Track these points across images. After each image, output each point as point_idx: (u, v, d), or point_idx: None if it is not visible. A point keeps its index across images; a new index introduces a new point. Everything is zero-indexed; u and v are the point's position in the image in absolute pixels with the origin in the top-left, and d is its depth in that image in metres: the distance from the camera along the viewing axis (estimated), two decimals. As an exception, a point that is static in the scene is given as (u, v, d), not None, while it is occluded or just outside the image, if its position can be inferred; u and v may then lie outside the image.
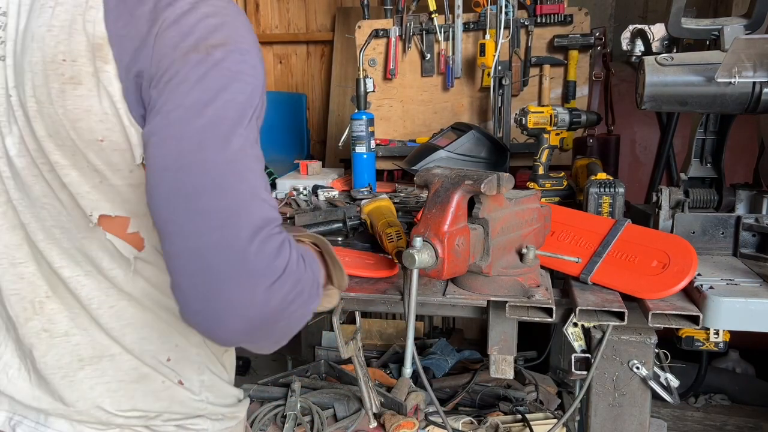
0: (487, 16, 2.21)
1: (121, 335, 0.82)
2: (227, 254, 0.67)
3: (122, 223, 0.78)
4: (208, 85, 0.70)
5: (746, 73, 1.20)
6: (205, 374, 0.90)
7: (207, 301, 0.68)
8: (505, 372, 1.22)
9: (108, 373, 0.83)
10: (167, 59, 0.71)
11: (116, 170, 0.76)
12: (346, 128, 2.19)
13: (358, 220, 1.61)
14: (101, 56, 0.72)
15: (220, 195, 0.69)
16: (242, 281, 0.68)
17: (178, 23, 0.72)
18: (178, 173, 0.69)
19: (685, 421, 2.73)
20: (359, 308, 1.31)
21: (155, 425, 0.86)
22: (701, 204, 1.45)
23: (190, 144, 0.69)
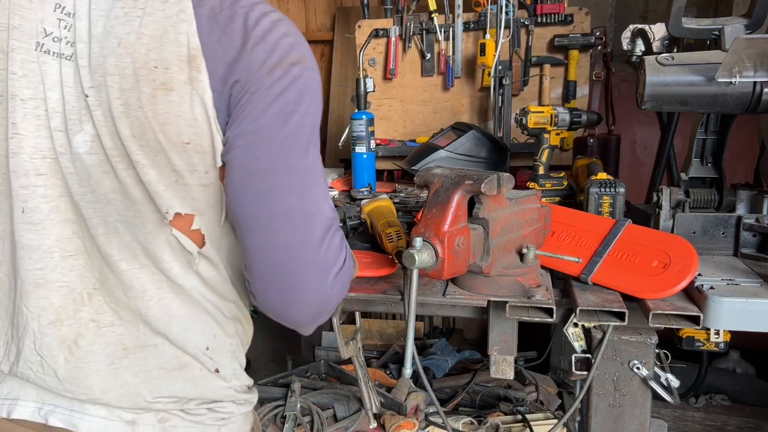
0: (487, 15, 2.21)
1: (168, 326, 0.87)
2: (306, 249, 0.80)
3: (188, 221, 0.84)
4: (289, 97, 0.80)
5: (747, 73, 1.20)
6: (235, 363, 0.97)
7: (285, 290, 0.81)
8: (505, 372, 1.22)
9: (150, 362, 0.88)
10: (255, 73, 0.79)
11: (193, 171, 0.81)
12: (346, 128, 2.19)
13: (358, 220, 1.61)
14: (195, 66, 0.77)
15: (304, 196, 0.81)
16: (317, 273, 0.81)
17: (264, 40, 0.80)
18: (268, 174, 0.79)
19: (686, 421, 2.73)
20: (359, 308, 1.31)
21: (189, 408, 0.92)
22: (702, 204, 1.44)
23: (279, 149, 0.79)
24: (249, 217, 0.80)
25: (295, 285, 0.81)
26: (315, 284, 0.82)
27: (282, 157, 0.80)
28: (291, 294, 0.82)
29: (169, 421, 0.90)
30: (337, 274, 0.84)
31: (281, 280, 0.81)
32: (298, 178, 0.81)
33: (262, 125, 0.79)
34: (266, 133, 0.79)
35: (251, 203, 0.80)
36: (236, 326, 0.96)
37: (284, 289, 0.82)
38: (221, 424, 0.95)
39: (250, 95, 0.78)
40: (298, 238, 0.80)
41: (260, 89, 0.78)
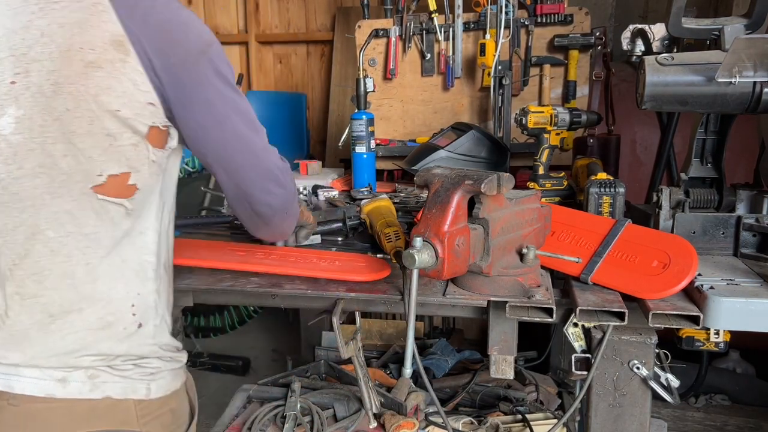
0: (487, 15, 2.21)
1: (92, 289, 0.96)
2: (274, 167, 1.12)
3: (124, 179, 0.95)
4: (221, 72, 0.98)
5: (747, 73, 1.20)
6: (158, 319, 1.04)
7: (263, 190, 1.12)
8: (505, 372, 1.22)
9: (76, 324, 0.96)
10: (185, 58, 0.94)
11: (123, 133, 0.92)
12: (346, 128, 2.19)
13: (357, 220, 1.61)
14: (123, 50, 0.90)
15: (263, 136, 1.10)
16: (278, 181, 1.13)
17: (185, 27, 0.96)
18: (242, 136, 1.04)
19: (686, 421, 2.73)
20: (359, 308, 1.31)
21: (116, 364, 0.99)
22: (702, 204, 1.44)
23: (238, 115, 1.02)
24: (239, 162, 1.06)
25: (273, 197, 1.13)
26: (279, 187, 1.14)
27: (244, 118, 1.03)
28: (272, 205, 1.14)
29: (98, 378, 0.97)
30: (283, 184, 1.14)
31: (264, 200, 1.13)
32: (257, 126, 1.08)
33: (217, 105, 0.99)
34: (224, 109, 1.00)
35: (239, 154, 1.05)
36: (158, 283, 1.04)
37: (262, 190, 1.11)
38: (150, 380, 1.01)
39: (185, 82, 0.94)
40: (270, 162, 1.11)
41: (196, 77, 0.95)
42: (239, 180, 1.08)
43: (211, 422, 1.79)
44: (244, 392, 1.90)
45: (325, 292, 1.25)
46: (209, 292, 1.32)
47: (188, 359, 1.13)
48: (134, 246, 0.99)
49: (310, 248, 1.50)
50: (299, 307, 1.45)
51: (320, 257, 1.38)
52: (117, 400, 0.98)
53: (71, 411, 0.95)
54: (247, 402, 1.89)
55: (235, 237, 1.66)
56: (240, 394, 1.89)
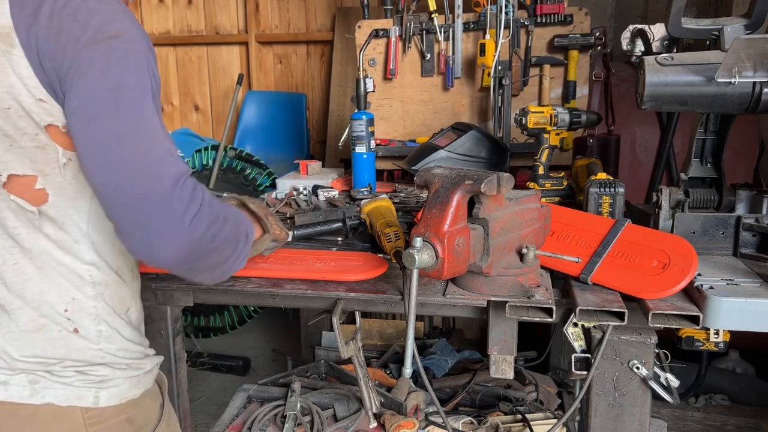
0: (487, 16, 2.21)
1: (22, 290, 0.94)
2: (155, 201, 0.87)
3: (30, 182, 0.91)
4: (113, 70, 0.87)
5: (746, 73, 1.20)
6: (101, 325, 0.99)
7: (145, 238, 0.88)
8: (505, 372, 1.22)
9: (11, 325, 0.95)
10: (70, 50, 0.86)
11: (23, 134, 0.89)
12: (346, 128, 2.19)
13: (357, 220, 1.61)
14: (9, 42, 0.86)
15: (142, 159, 0.87)
16: (169, 220, 0.87)
17: (75, 18, 0.87)
18: (108, 145, 0.86)
19: (686, 421, 2.73)
20: (359, 308, 1.31)
21: (56, 370, 0.97)
22: (701, 204, 1.45)
23: (112, 122, 0.86)
24: (100, 182, 0.88)
25: (152, 233, 0.88)
26: (170, 230, 0.88)
27: (117, 127, 0.86)
28: (151, 240, 0.88)
29: (38, 383, 0.95)
30: (193, 219, 0.89)
31: (141, 231, 0.88)
32: (136, 144, 0.87)
33: (91, 102, 0.86)
34: (97, 108, 0.86)
35: (99, 170, 0.87)
36: (98, 290, 0.98)
37: (144, 237, 0.88)
38: (98, 387, 0.98)
39: (72, 73, 0.86)
40: (146, 193, 0.87)
41: (80, 65, 0.86)
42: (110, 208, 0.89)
43: (211, 422, 1.79)
44: (244, 392, 1.90)
45: (325, 292, 1.25)
46: (209, 292, 1.32)
47: (188, 359, 1.11)
48: (66, 252, 0.95)
49: (308, 249, 1.50)
50: (299, 307, 1.45)
51: (318, 258, 1.38)
52: (60, 407, 0.95)
53: (13, 414, 0.95)
54: (247, 402, 1.89)
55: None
56: (240, 394, 1.89)
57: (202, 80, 4.22)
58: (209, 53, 4.17)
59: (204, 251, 0.93)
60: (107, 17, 0.89)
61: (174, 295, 1.34)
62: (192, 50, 4.18)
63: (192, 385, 3.07)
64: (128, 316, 1.05)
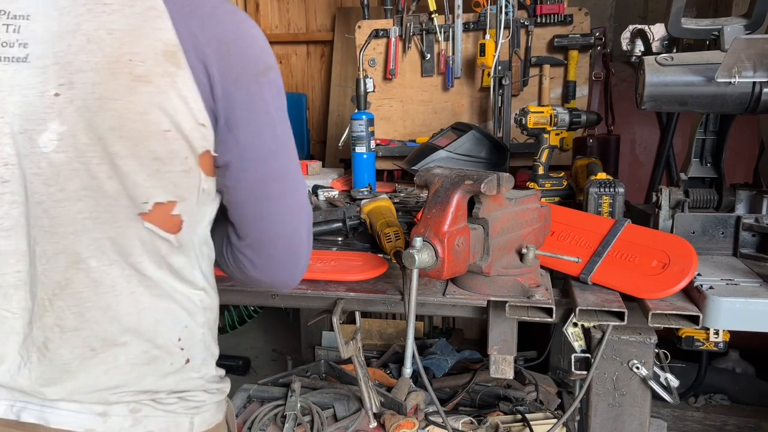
0: (487, 16, 2.21)
1: (137, 320, 0.88)
2: (295, 243, 0.97)
3: (168, 208, 0.87)
4: (276, 103, 0.90)
5: (746, 73, 1.20)
6: (206, 353, 0.98)
7: (288, 267, 1.00)
8: (505, 372, 1.22)
9: (120, 359, 0.89)
10: (242, 79, 0.85)
11: (174, 157, 0.84)
12: (346, 128, 2.19)
13: (357, 220, 1.61)
14: (174, 62, 0.80)
15: (299, 193, 0.96)
16: (299, 260, 1.00)
17: (243, 42, 0.86)
18: (278, 182, 0.93)
19: (685, 421, 2.73)
20: (359, 308, 1.31)
21: (160, 398, 0.93)
22: (701, 204, 1.45)
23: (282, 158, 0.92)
24: (262, 215, 0.93)
25: (296, 263, 1.00)
26: (305, 260, 1.01)
27: (285, 164, 0.92)
28: (295, 267, 1.00)
29: (140, 412, 0.91)
30: (309, 251, 1.02)
31: (288, 260, 0.98)
32: (296, 178, 0.95)
33: (264, 137, 0.88)
34: (270, 145, 0.90)
35: (265, 204, 0.92)
36: (207, 315, 0.97)
37: (287, 266, 0.99)
38: (194, 413, 0.96)
39: (242, 105, 0.86)
40: (300, 224, 0.97)
41: (251, 99, 0.86)
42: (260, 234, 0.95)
43: (211, 422, 1.79)
44: (244, 392, 1.90)
45: (325, 292, 1.25)
46: (209, 292, 1.32)
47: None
48: (183, 280, 0.91)
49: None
50: (299, 307, 1.45)
51: (318, 258, 1.38)
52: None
53: None
54: (248, 402, 1.89)
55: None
56: (240, 394, 1.89)
57: (202, 80, 4.22)
58: (209, 53, 4.17)
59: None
60: (264, 44, 0.90)
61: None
62: (192, 50, 4.18)
63: (192, 385, 3.07)
64: (215, 340, 1.04)
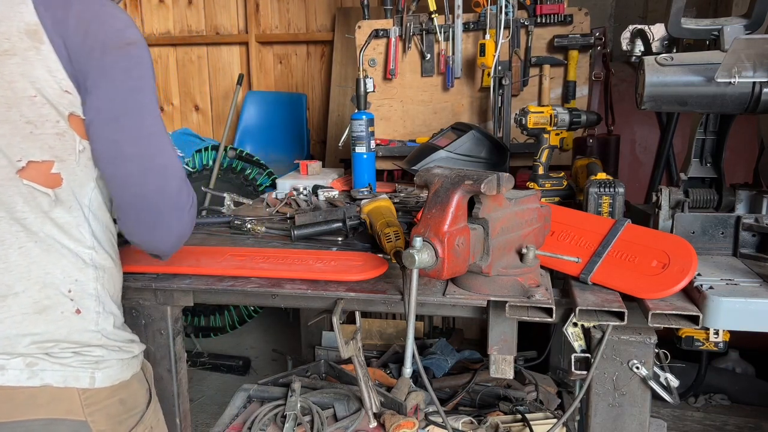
0: (487, 16, 2.21)
1: (27, 272, 0.98)
2: (167, 195, 1.02)
3: (47, 167, 0.97)
4: (133, 73, 0.99)
5: (746, 73, 1.20)
6: (100, 307, 1.05)
7: (152, 229, 1.05)
8: (505, 372, 1.22)
9: (13, 308, 0.98)
10: (96, 52, 0.96)
11: (45, 121, 0.95)
12: (346, 128, 2.19)
13: (357, 220, 1.61)
14: (37, 38, 0.94)
15: (162, 155, 1.01)
16: (175, 213, 1.04)
17: (97, 19, 0.97)
18: (134, 140, 0.99)
19: (685, 421, 2.73)
20: (359, 308, 1.31)
21: (54, 352, 0.99)
22: (701, 204, 1.45)
23: (138, 119, 0.99)
24: (120, 175, 1.00)
25: (160, 224, 1.04)
26: (176, 222, 1.05)
27: (142, 125, 0.99)
28: (158, 232, 1.05)
29: (36, 365, 0.98)
30: (189, 211, 1.06)
31: (149, 221, 1.03)
32: (156, 141, 1.01)
33: (117, 102, 0.97)
34: (123, 107, 0.98)
35: (123, 164, 0.99)
36: (97, 273, 1.04)
37: (151, 228, 1.04)
38: (94, 368, 1.01)
39: (97, 74, 0.96)
40: (161, 187, 1.01)
41: (105, 68, 0.96)
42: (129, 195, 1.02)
43: (212, 422, 1.80)
44: (244, 392, 1.90)
45: (325, 292, 1.25)
46: (209, 292, 1.32)
47: (188, 359, 1.13)
48: (70, 236, 1.00)
49: (308, 249, 1.50)
50: (299, 307, 1.45)
51: (318, 258, 1.39)
52: (58, 388, 0.98)
53: (11, 398, 0.96)
54: (248, 402, 1.89)
55: (235, 237, 1.66)
56: (240, 394, 1.89)
57: (202, 80, 4.22)
58: (209, 53, 4.17)
59: (187, 237, 1.10)
60: (125, 24, 1.00)
61: (174, 295, 1.34)
62: (192, 50, 4.19)
63: (192, 385, 3.07)
64: (118, 300, 1.11)
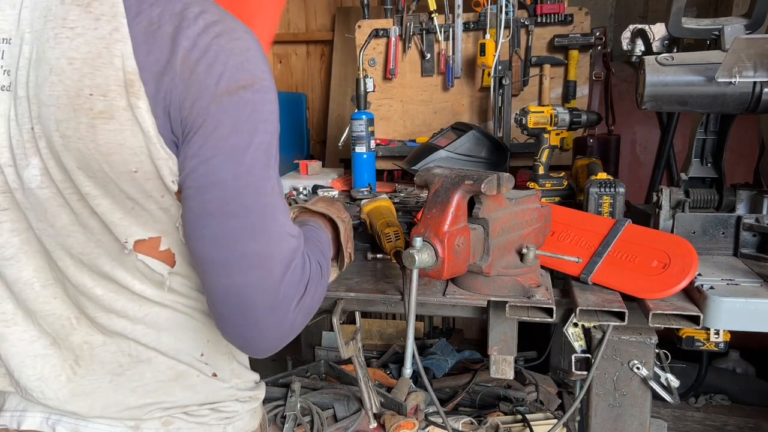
0: (487, 15, 2.21)
1: (157, 338, 0.86)
2: (263, 291, 0.77)
3: (154, 244, 0.81)
4: (240, 130, 0.73)
5: (746, 73, 1.20)
6: (233, 363, 0.95)
7: (245, 329, 0.80)
8: (505, 372, 1.22)
9: (146, 376, 0.88)
10: (199, 102, 0.72)
11: (149, 197, 0.77)
12: (346, 128, 2.19)
13: (357, 220, 1.61)
14: (133, 92, 0.71)
15: (259, 238, 0.76)
16: (275, 311, 0.78)
17: (206, 62, 0.72)
18: (221, 218, 0.75)
19: (686, 421, 2.73)
20: (359, 308, 1.31)
21: (192, 410, 0.92)
22: (702, 204, 1.44)
23: (232, 192, 0.74)
24: (204, 259, 0.77)
25: (254, 325, 0.79)
26: (275, 322, 0.79)
27: (236, 199, 0.75)
28: (251, 332, 0.80)
29: (172, 425, 0.91)
30: (297, 305, 0.80)
31: (241, 321, 0.79)
32: (254, 220, 0.76)
33: (212, 166, 0.73)
34: (218, 175, 0.74)
35: (206, 245, 0.76)
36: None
37: (244, 328, 0.80)
38: (226, 423, 0.95)
39: (197, 128, 0.73)
40: (256, 280, 0.76)
41: (206, 121, 0.72)
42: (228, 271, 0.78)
43: (211, 422, 1.79)
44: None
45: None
46: (209, 292, 1.32)
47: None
48: (189, 296, 0.87)
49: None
50: (299, 307, 1.44)
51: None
52: None
53: None
54: (247, 402, 1.88)
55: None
56: (240, 394, 1.89)
57: (202, 80, 4.22)
58: (209, 53, 4.17)
59: (296, 333, 0.84)
60: (241, 59, 0.74)
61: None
62: (192, 50, 4.18)
63: (192, 385, 3.06)
64: None
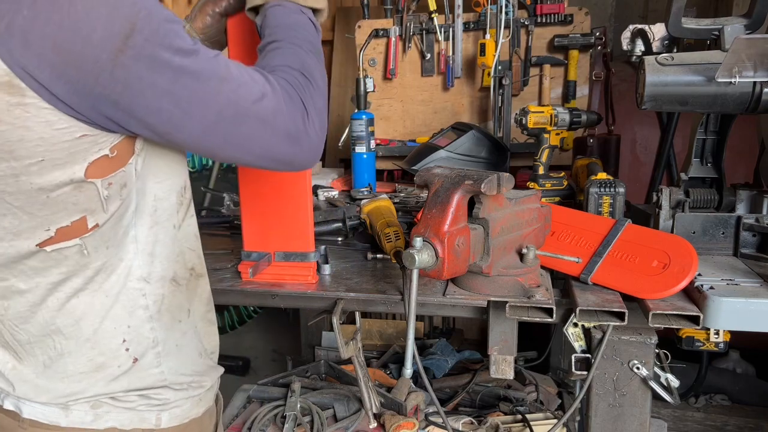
0: (487, 15, 2.21)
1: (77, 330, 0.89)
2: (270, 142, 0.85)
3: (81, 223, 0.83)
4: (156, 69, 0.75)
5: (746, 73, 1.20)
6: (159, 346, 0.95)
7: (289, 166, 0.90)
8: (505, 372, 1.22)
9: (69, 368, 0.91)
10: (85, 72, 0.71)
11: (59, 185, 0.78)
12: (346, 128, 2.19)
13: (357, 220, 1.61)
14: (14, 90, 0.71)
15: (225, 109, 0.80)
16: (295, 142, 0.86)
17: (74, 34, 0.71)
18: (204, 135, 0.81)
19: (686, 421, 2.72)
20: (359, 308, 1.31)
21: (118, 396, 0.94)
22: (702, 204, 1.44)
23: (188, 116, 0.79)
24: (217, 155, 0.85)
25: (289, 163, 0.89)
26: (301, 148, 0.87)
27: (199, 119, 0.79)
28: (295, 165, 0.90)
29: (101, 408, 0.93)
30: (306, 123, 0.87)
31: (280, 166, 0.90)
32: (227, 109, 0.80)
33: (161, 118, 0.77)
34: (173, 121, 0.78)
35: (215, 150, 0.84)
36: (154, 307, 0.93)
37: (287, 165, 0.89)
38: (159, 410, 0.96)
39: (115, 97, 0.74)
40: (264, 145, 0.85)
41: (116, 87, 0.73)
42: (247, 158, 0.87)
43: (211, 422, 1.79)
44: (244, 392, 1.90)
45: (325, 292, 1.25)
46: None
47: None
48: (115, 275, 0.88)
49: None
50: (299, 307, 1.45)
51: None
52: (123, 430, 0.94)
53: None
54: (247, 402, 1.89)
55: (235, 237, 1.66)
56: (240, 394, 1.89)
57: (202, 80, 4.21)
58: (209, 53, 4.16)
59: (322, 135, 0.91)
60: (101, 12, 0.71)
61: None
62: (192, 50, 4.17)
63: (192, 385, 3.06)
64: (191, 320, 0.99)
